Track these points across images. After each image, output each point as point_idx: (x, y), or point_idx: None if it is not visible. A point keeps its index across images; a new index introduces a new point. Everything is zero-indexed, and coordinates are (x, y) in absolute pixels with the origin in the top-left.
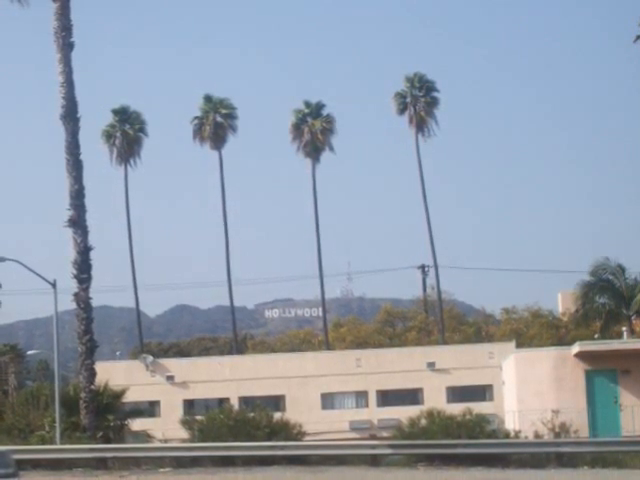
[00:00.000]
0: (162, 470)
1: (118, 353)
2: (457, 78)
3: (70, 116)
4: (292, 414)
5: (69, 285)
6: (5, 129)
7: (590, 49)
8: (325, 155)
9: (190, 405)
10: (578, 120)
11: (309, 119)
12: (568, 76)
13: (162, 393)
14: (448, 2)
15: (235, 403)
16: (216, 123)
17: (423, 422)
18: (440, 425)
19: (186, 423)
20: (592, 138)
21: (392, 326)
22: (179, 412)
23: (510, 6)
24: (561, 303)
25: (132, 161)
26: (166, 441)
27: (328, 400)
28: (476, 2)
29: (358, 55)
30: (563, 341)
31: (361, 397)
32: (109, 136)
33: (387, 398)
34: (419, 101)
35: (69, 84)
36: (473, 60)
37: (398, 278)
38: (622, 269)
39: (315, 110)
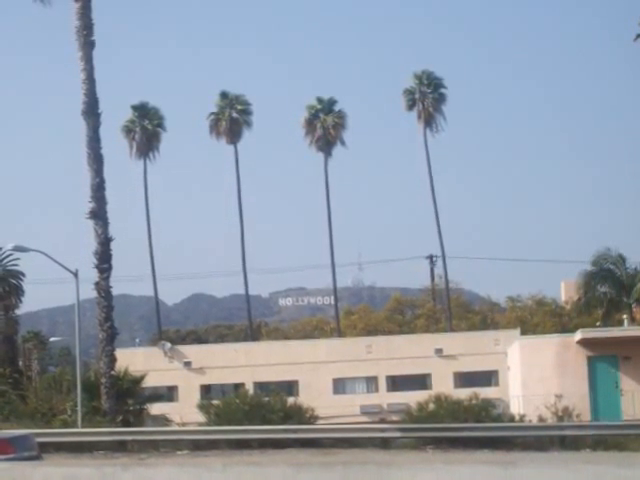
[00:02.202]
0: (180, 452)
1: (137, 340)
2: (464, 75)
3: (91, 112)
4: (305, 399)
5: (90, 274)
6: (28, 124)
7: (592, 47)
8: (337, 149)
9: (207, 390)
10: (581, 115)
11: (321, 115)
12: (571, 73)
13: (180, 378)
14: (455, 2)
15: (250, 388)
16: (232, 119)
17: (431, 406)
18: (447, 409)
19: (203, 407)
20: (594, 133)
21: (401, 314)
22: (196, 397)
23: (514, 6)
24: (564, 292)
25: (151, 155)
26: (184, 425)
27: (339, 385)
28: (482, 2)
29: (368, 53)
30: (566, 328)
31: (371, 382)
32: (129, 131)
33: (396, 383)
34: (427, 97)
35: (90, 81)
36: (479, 58)
37: (407, 268)
38: (623, 259)
39: (327, 106)
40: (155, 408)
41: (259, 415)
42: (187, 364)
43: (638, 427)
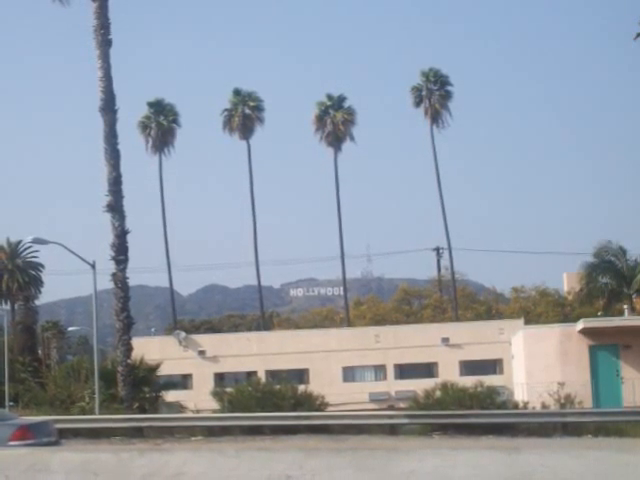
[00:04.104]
0: (194, 438)
1: (153, 329)
2: (469, 73)
3: (108, 108)
4: (315, 386)
5: (107, 266)
6: (49, 120)
7: (593, 45)
8: (346, 144)
9: (220, 378)
10: (582, 111)
11: (331, 111)
12: (572, 69)
13: (194, 367)
14: (461, 2)
15: (262, 376)
16: (244, 115)
17: (438, 394)
18: (453, 396)
19: (217, 395)
20: (595, 128)
21: (409, 304)
22: (210, 384)
23: (518, 6)
24: (566, 283)
25: (166, 150)
26: (198, 411)
27: (349, 373)
28: (486, 2)
29: (377, 51)
30: (568, 318)
31: (380, 370)
32: (145, 127)
33: (404, 371)
34: (434, 94)
35: (107, 78)
36: (484, 56)
37: (414, 259)
38: (623, 251)
39: (337, 103)
40: (170, 395)
41: (271, 402)
42: (201, 353)
43: (638, 414)
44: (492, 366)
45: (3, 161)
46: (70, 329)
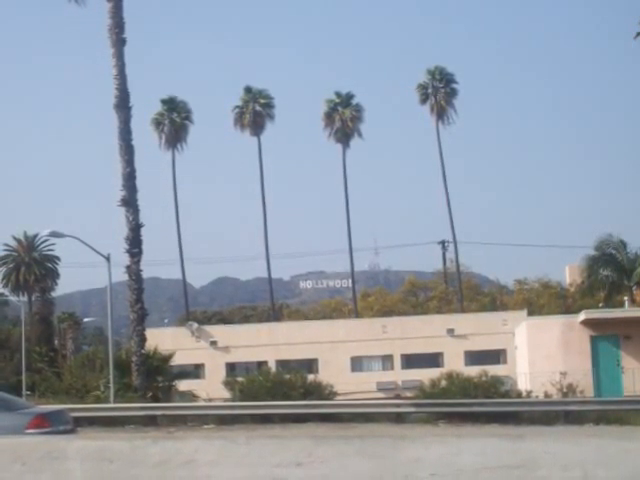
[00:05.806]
0: (206, 427)
1: (166, 320)
2: (474, 70)
3: (123, 105)
4: (324, 376)
5: (122, 259)
6: (66, 118)
7: (594, 44)
8: (354, 141)
9: (232, 368)
10: (583, 107)
11: (340, 108)
12: (574, 67)
13: (206, 357)
14: (465, 2)
15: (272, 366)
16: (255, 112)
17: (443, 383)
18: (458, 386)
19: (228, 384)
20: (596, 125)
21: (415, 296)
22: (222, 374)
23: (521, 6)
24: (568, 275)
25: (179, 146)
26: (210, 400)
27: (357, 363)
28: (490, 2)
29: (384, 50)
30: (570, 310)
31: (387, 360)
32: (158, 123)
33: (410, 361)
34: (439, 92)
35: (122, 76)
36: (487, 54)
37: (420, 252)
38: (624, 244)
39: (345, 100)
40: (183, 385)
41: (281, 391)
42: (213, 343)
43: (638, 403)
44: (496, 356)
45: (19, 158)
46: (85, 320)
